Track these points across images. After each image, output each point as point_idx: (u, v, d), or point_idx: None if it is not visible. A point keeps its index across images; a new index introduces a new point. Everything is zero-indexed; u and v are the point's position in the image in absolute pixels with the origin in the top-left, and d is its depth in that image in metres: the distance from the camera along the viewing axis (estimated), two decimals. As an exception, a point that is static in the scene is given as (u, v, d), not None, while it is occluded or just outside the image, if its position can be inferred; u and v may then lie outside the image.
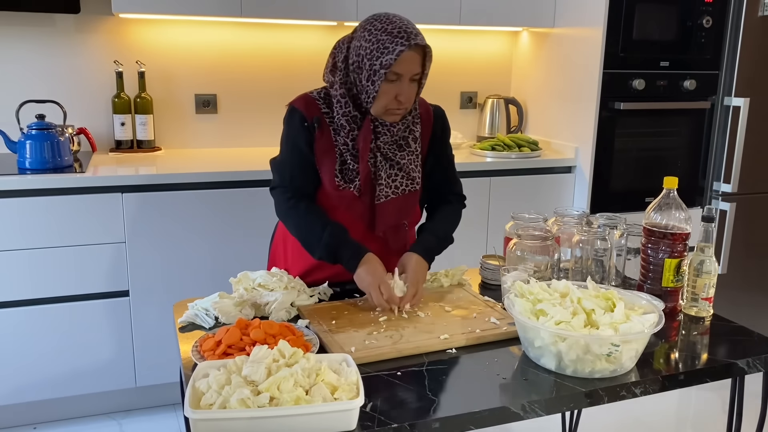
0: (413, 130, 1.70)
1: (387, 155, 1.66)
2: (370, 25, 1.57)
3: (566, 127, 3.06)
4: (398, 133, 1.66)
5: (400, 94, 1.57)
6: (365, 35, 1.56)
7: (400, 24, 1.55)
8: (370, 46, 1.55)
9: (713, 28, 2.94)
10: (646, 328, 1.23)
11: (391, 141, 1.66)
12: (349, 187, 1.63)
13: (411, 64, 1.56)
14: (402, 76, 1.56)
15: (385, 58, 1.53)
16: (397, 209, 1.69)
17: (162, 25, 2.83)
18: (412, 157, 1.69)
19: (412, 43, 1.53)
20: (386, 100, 1.58)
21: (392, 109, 1.60)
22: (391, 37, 1.53)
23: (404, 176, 1.68)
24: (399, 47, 1.52)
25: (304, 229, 1.63)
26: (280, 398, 1.02)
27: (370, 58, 1.55)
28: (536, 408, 1.16)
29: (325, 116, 1.64)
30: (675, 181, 1.52)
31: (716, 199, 3.10)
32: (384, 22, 1.56)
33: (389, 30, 1.54)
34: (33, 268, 2.30)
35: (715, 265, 1.53)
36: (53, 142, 2.37)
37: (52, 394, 2.42)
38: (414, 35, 1.54)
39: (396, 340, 1.34)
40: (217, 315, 1.43)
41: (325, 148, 1.64)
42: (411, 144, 1.69)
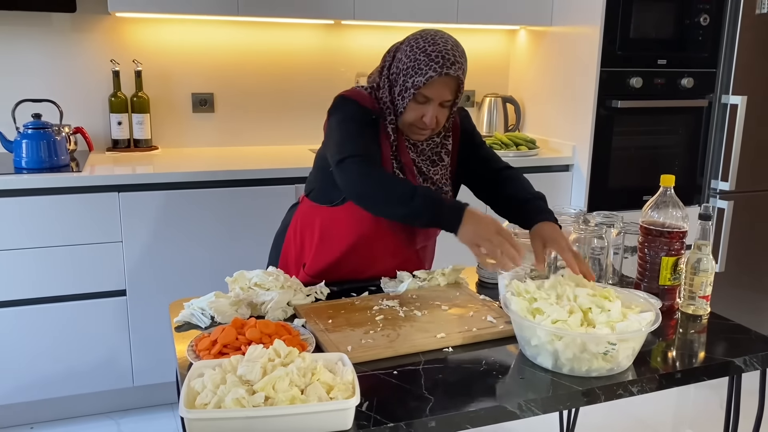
0: (445, 145, 1.70)
1: (421, 170, 1.67)
2: (414, 41, 1.57)
3: (564, 126, 3.05)
4: (428, 150, 1.68)
5: (426, 116, 1.57)
6: (407, 50, 1.57)
7: (442, 47, 1.54)
8: (407, 62, 1.56)
9: (711, 26, 2.94)
10: (643, 326, 1.23)
11: (423, 156, 1.67)
12: None
13: (441, 90, 1.56)
14: (431, 100, 1.57)
15: (416, 79, 1.54)
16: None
17: (159, 24, 2.82)
18: (443, 171, 1.71)
19: (443, 72, 1.53)
20: (412, 117, 1.59)
21: (416, 127, 1.61)
22: (427, 59, 1.53)
23: (437, 190, 1.69)
24: (431, 72, 1.52)
25: (393, 187, 1.48)
26: (275, 398, 1.01)
27: (404, 75, 1.56)
28: (533, 407, 1.15)
29: (380, 113, 1.64)
30: (672, 179, 1.52)
31: (714, 197, 3.10)
32: (427, 41, 1.55)
33: (428, 51, 1.54)
34: (29, 268, 2.30)
35: (712, 264, 1.53)
36: (49, 142, 2.37)
37: (49, 394, 2.42)
38: (450, 63, 1.53)
39: (392, 339, 1.34)
40: (213, 314, 1.43)
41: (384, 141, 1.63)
42: (444, 158, 1.70)
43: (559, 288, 1.34)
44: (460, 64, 1.56)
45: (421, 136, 1.64)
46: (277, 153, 2.90)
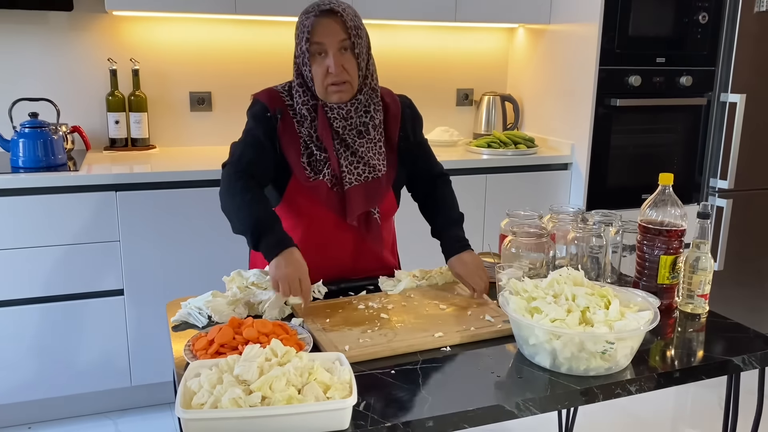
0: (374, 117, 1.66)
1: (346, 142, 1.64)
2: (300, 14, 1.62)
3: (562, 124, 3.05)
4: (355, 118, 1.63)
5: (330, 66, 1.56)
6: (297, 24, 1.62)
7: (318, 1, 1.59)
8: (296, 32, 1.61)
9: (709, 24, 2.93)
10: (641, 325, 1.22)
11: (349, 127, 1.63)
12: (318, 178, 1.63)
13: (327, 29, 1.55)
14: (325, 46, 1.56)
15: (304, 36, 1.57)
16: (363, 196, 1.65)
17: (156, 23, 2.81)
18: (371, 145, 1.66)
19: (319, 11, 1.56)
20: (320, 77, 1.58)
21: (329, 85, 1.58)
22: (305, 14, 1.58)
23: (364, 164, 1.65)
24: (309, 19, 1.56)
25: (238, 201, 1.54)
26: (272, 397, 1.01)
27: (298, 42, 1.60)
28: (531, 406, 1.15)
29: (289, 108, 1.65)
30: (670, 177, 1.52)
31: (713, 195, 3.10)
32: (307, 5, 1.61)
33: (306, 9, 1.60)
34: (27, 267, 2.29)
35: (710, 262, 1.52)
36: (46, 141, 2.36)
37: (47, 394, 2.41)
38: (326, 4, 1.57)
39: (390, 339, 1.34)
40: (210, 314, 1.42)
41: (291, 140, 1.64)
42: (371, 131, 1.66)
43: (557, 287, 1.33)
44: (338, 3, 1.59)
45: (339, 92, 1.59)
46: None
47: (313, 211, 1.66)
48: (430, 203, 1.80)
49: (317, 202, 1.65)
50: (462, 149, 3.07)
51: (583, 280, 1.37)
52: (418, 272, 1.68)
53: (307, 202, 1.66)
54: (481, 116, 3.32)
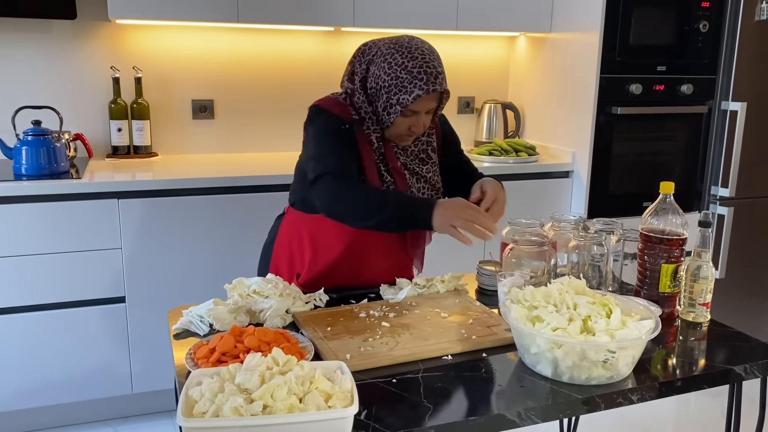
0: (431, 143, 1.72)
1: (414, 171, 1.69)
2: (390, 57, 1.55)
3: (564, 132, 3.06)
4: (417, 150, 1.70)
5: (414, 126, 1.60)
6: (384, 66, 1.56)
7: (421, 61, 1.53)
8: (388, 80, 1.55)
9: (710, 32, 2.94)
10: (643, 334, 1.22)
11: (412, 158, 1.69)
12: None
13: (428, 103, 1.58)
14: (418, 113, 1.58)
15: (402, 97, 1.54)
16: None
17: (159, 31, 2.83)
18: (434, 168, 1.73)
19: (430, 89, 1.53)
20: (400, 129, 1.61)
21: (404, 136, 1.63)
22: (410, 77, 1.53)
23: (430, 187, 1.72)
24: (417, 90, 1.52)
25: (363, 199, 1.54)
26: (273, 406, 1.01)
27: (387, 92, 1.56)
28: (532, 415, 1.15)
29: (355, 123, 1.64)
30: (671, 186, 1.52)
31: (714, 203, 3.10)
32: (405, 56, 1.54)
33: (409, 68, 1.53)
34: (29, 275, 2.30)
35: (712, 271, 1.52)
36: (49, 148, 2.37)
37: (48, 401, 2.41)
38: (434, 78, 1.54)
39: (391, 347, 1.34)
40: (212, 322, 1.42)
41: (364, 149, 1.63)
42: (432, 156, 1.73)
43: (559, 295, 1.34)
44: (443, 76, 1.56)
45: (408, 141, 1.66)
46: (277, 159, 2.90)
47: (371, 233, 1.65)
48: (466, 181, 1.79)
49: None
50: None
51: (584, 289, 1.37)
52: (420, 280, 1.68)
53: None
54: (483, 124, 3.33)
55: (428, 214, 1.48)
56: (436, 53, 1.59)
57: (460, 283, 1.70)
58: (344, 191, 1.55)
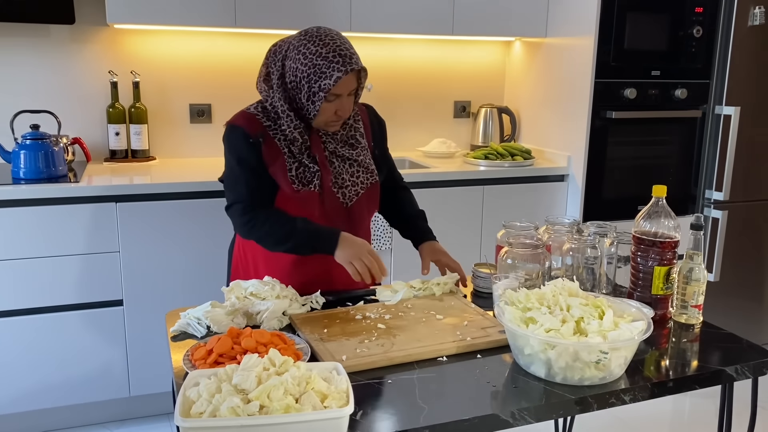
0: (357, 128, 1.77)
1: (343, 155, 1.72)
2: (303, 47, 1.60)
3: (559, 136, 3.08)
4: (345, 135, 1.74)
5: (340, 110, 1.64)
6: (300, 57, 1.60)
7: (333, 46, 1.59)
8: (306, 70, 1.59)
9: (704, 37, 2.97)
10: (635, 335, 1.24)
11: (341, 143, 1.73)
12: (309, 188, 1.67)
13: (348, 84, 1.62)
14: (341, 96, 1.62)
15: (323, 82, 1.58)
16: (367, 204, 1.77)
17: (156, 36, 2.84)
18: (365, 152, 1.77)
19: (348, 69, 1.58)
20: (326, 116, 1.65)
21: (332, 122, 1.67)
22: (326, 62, 1.58)
23: (363, 170, 1.75)
24: (337, 73, 1.58)
25: (273, 230, 1.65)
26: (270, 406, 1.02)
27: (308, 81, 1.60)
28: (526, 415, 1.16)
29: (268, 129, 1.68)
30: (663, 189, 1.54)
31: (708, 207, 3.12)
32: (317, 44, 1.59)
33: (324, 54, 1.58)
34: (27, 278, 2.30)
35: (704, 273, 1.54)
36: (47, 152, 2.38)
37: (46, 404, 2.42)
38: (349, 59, 1.59)
39: (387, 349, 1.35)
40: (209, 324, 1.44)
41: (275, 158, 1.67)
42: (360, 140, 1.77)
43: (552, 297, 1.35)
44: (356, 55, 1.62)
45: (337, 126, 1.70)
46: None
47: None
48: (396, 202, 1.93)
49: (307, 213, 1.69)
50: (459, 161, 3.09)
51: (577, 291, 1.39)
52: (416, 283, 1.70)
53: (295, 214, 1.68)
54: (479, 128, 3.35)
55: (332, 246, 1.61)
56: (344, 37, 1.65)
57: (455, 286, 1.71)
58: (253, 222, 1.66)
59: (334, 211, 1.72)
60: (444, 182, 2.80)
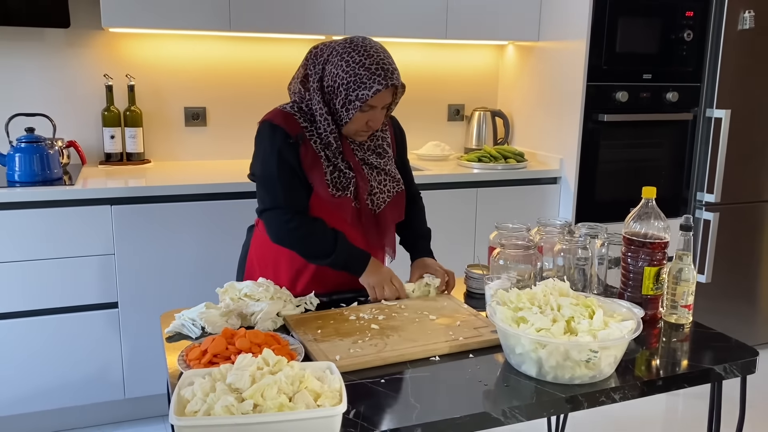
0: (385, 138, 1.79)
1: (372, 164, 1.74)
2: (347, 55, 1.60)
3: (551, 139, 3.10)
4: (373, 145, 1.75)
5: (371, 121, 1.66)
6: (342, 64, 1.60)
7: (377, 58, 1.60)
8: (346, 77, 1.60)
9: (694, 41, 3.00)
10: (624, 334, 1.25)
11: (369, 152, 1.74)
12: (345, 194, 1.69)
13: (384, 97, 1.64)
14: (375, 108, 1.64)
15: (362, 92, 1.59)
16: (394, 211, 1.80)
17: (151, 40, 2.85)
18: (391, 162, 1.80)
19: (389, 84, 1.60)
20: (358, 125, 1.66)
21: (361, 131, 1.68)
22: (368, 73, 1.59)
23: (390, 179, 1.78)
24: (376, 85, 1.59)
25: (315, 242, 1.68)
26: (263, 405, 1.03)
27: (346, 89, 1.61)
28: (517, 414, 1.18)
29: (305, 130, 1.68)
30: (653, 190, 1.56)
31: (700, 208, 3.14)
32: (362, 54, 1.60)
33: (367, 65, 1.59)
34: (22, 281, 2.31)
35: (693, 273, 1.56)
36: (42, 155, 2.39)
37: (41, 407, 2.42)
38: (390, 73, 1.61)
39: (380, 349, 1.36)
40: (204, 325, 1.45)
41: (312, 161, 1.67)
42: (387, 150, 1.79)
43: (543, 297, 1.37)
44: (397, 72, 1.64)
45: (365, 137, 1.72)
46: (269, 166, 2.92)
47: (335, 227, 1.70)
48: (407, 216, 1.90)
49: (340, 219, 1.70)
50: (453, 163, 3.11)
51: (568, 291, 1.40)
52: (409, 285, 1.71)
53: (328, 218, 1.70)
54: (472, 131, 3.37)
55: (362, 270, 1.68)
56: (388, 52, 1.66)
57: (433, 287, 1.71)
58: (290, 231, 1.68)
59: (365, 217, 1.74)
60: (438, 185, 2.82)
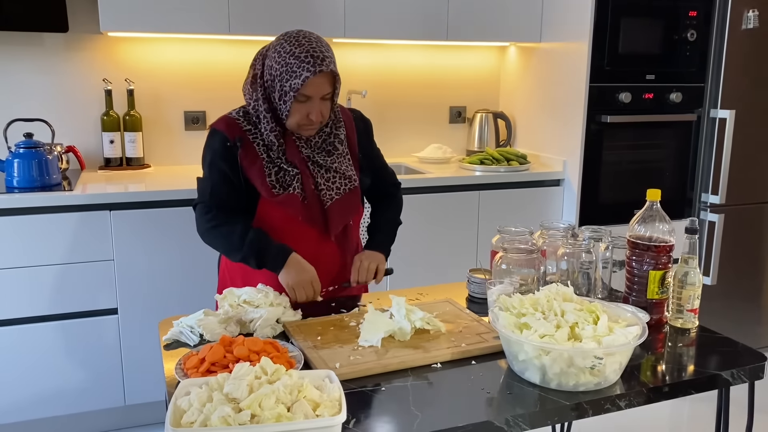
0: (337, 135, 1.76)
1: (318, 162, 1.72)
2: (279, 47, 1.62)
3: (554, 141, 3.08)
4: (321, 141, 1.73)
5: (311, 113, 1.64)
6: (275, 56, 1.62)
7: (308, 47, 1.60)
8: (279, 68, 1.61)
9: (698, 41, 2.97)
10: (629, 340, 1.23)
11: (317, 150, 1.72)
12: (289, 191, 1.68)
13: (319, 87, 1.62)
14: (312, 98, 1.62)
15: (293, 81, 1.59)
16: (343, 208, 1.76)
17: (150, 43, 2.84)
18: (342, 159, 1.76)
19: (317, 70, 1.59)
20: (298, 117, 1.64)
21: (304, 125, 1.66)
22: (298, 61, 1.58)
23: (340, 177, 1.75)
24: (305, 73, 1.58)
25: (225, 235, 1.68)
26: (261, 415, 1.01)
27: (280, 80, 1.61)
28: (520, 422, 1.16)
29: (248, 134, 1.69)
30: (658, 193, 1.53)
31: (704, 210, 3.11)
32: (293, 44, 1.60)
33: (297, 54, 1.59)
34: (21, 287, 2.29)
35: (699, 277, 1.53)
36: (41, 161, 2.37)
37: (41, 414, 2.40)
38: (320, 60, 1.59)
39: (381, 356, 1.34)
40: (202, 332, 1.43)
41: (252, 162, 1.68)
42: (338, 147, 1.76)
43: (546, 303, 1.34)
44: (330, 59, 1.62)
45: (311, 131, 1.70)
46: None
47: (287, 226, 1.70)
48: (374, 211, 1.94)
49: (290, 217, 1.69)
50: (455, 166, 3.09)
51: (572, 296, 1.38)
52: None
53: (279, 218, 1.69)
54: (474, 133, 3.35)
55: (279, 266, 1.64)
56: (323, 41, 1.66)
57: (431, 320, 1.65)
58: (210, 223, 1.70)
59: (317, 214, 1.72)
60: (440, 188, 2.80)
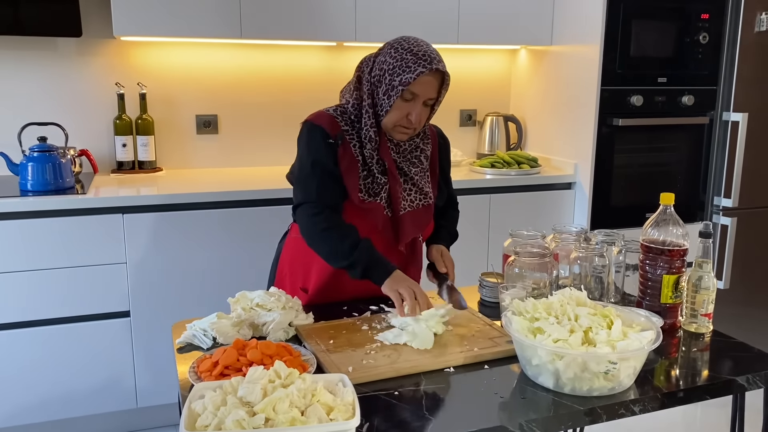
0: (424, 150, 1.76)
1: (403, 170, 1.72)
2: (397, 44, 1.64)
3: (565, 144, 3.07)
4: (408, 150, 1.73)
5: (411, 114, 1.63)
6: (391, 52, 1.64)
7: (426, 48, 1.63)
8: (393, 62, 1.62)
9: (710, 43, 2.96)
10: (644, 345, 1.22)
11: (404, 157, 1.72)
12: (375, 200, 1.68)
13: (428, 87, 1.62)
14: (417, 97, 1.62)
15: (405, 76, 1.59)
16: (414, 222, 1.75)
17: (163, 48, 2.86)
18: (423, 174, 1.76)
19: (433, 67, 1.60)
20: (398, 116, 1.64)
21: (401, 126, 1.66)
22: (415, 57, 1.60)
23: (417, 191, 1.75)
24: (420, 68, 1.59)
25: (337, 240, 1.62)
26: (275, 419, 1.01)
27: (391, 74, 1.61)
28: (534, 427, 1.15)
29: (345, 133, 1.68)
30: (671, 197, 1.53)
31: (717, 213, 3.09)
32: (411, 44, 1.64)
33: (414, 51, 1.61)
34: (34, 290, 2.31)
35: (713, 281, 1.52)
36: (55, 164, 2.39)
37: (54, 416, 2.42)
38: (437, 61, 1.62)
39: (394, 360, 1.34)
40: (215, 335, 1.43)
41: (349, 164, 1.67)
42: (423, 161, 1.76)
43: (560, 307, 1.34)
44: (444, 64, 1.64)
45: (405, 135, 1.69)
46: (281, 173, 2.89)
47: (365, 233, 1.67)
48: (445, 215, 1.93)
49: (370, 224, 1.69)
50: (466, 169, 3.09)
51: (585, 300, 1.37)
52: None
53: (360, 224, 1.68)
54: (485, 136, 3.35)
55: (382, 279, 1.57)
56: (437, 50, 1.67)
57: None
58: (318, 228, 1.64)
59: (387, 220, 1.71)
60: (450, 191, 2.79)
